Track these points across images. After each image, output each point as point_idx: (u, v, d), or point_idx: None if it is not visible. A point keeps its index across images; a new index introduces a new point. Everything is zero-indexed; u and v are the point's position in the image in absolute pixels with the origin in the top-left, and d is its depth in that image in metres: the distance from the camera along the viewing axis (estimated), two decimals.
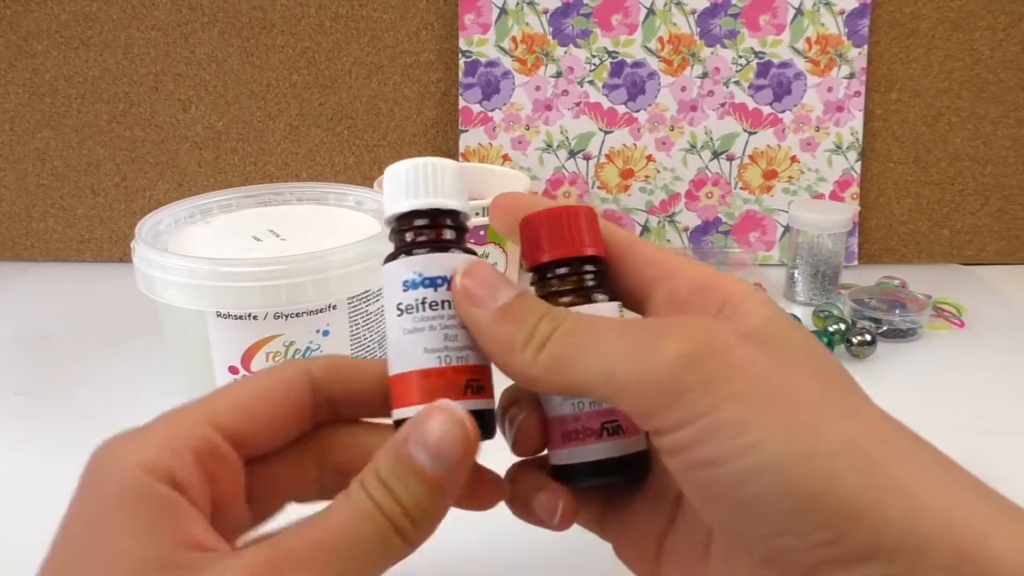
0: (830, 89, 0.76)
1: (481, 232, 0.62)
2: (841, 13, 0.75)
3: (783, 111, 0.77)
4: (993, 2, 0.75)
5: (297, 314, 0.48)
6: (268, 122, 0.78)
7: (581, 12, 0.76)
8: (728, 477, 0.22)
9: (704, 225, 0.79)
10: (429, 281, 0.27)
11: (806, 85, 0.76)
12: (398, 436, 0.24)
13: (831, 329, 0.62)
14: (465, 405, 0.25)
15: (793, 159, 0.78)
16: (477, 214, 0.62)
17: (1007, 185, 0.79)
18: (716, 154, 0.78)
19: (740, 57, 0.76)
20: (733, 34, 0.76)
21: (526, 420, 0.28)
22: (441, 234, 0.28)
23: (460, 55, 0.76)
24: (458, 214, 0.28)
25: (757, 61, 0.76)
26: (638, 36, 0.76)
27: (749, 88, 0.77)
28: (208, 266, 0.46)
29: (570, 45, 0.76)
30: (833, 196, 0.78)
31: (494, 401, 0.27)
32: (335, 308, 0.50)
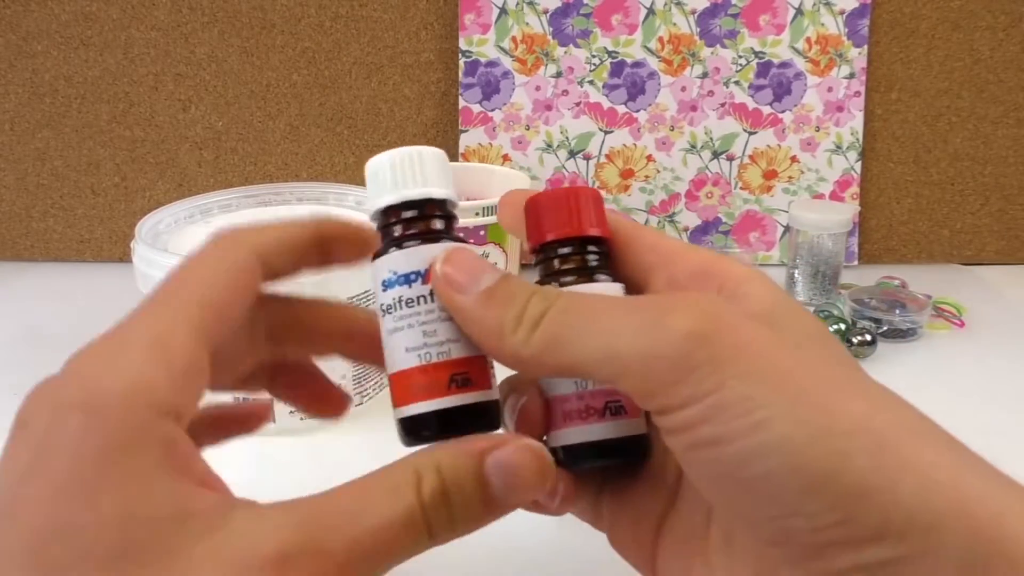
0: (830, 89, 0.76)
1: (481, 232, 0.62)
2: (841, 13, 0.75)
3: (783, 111, 0.77)
4: (993, 2, 0.75)
5: None
6: (268, 122, 0.78)
7: (581, 12, 0.76)
8: (735, 456, 0.21)
9: (704, 225, 0.79)
10: (403, 278, 0.25)
11: (806, 85, 0.76)
12: (475, 447, 0.23)
13: (831, 329, 0.62)
14: (450, 401, 0.24)
15: (793, 159, 0.78)
16: (477, 214, 0.61)
17: (1007, 185, 0.79)
18: (716, 154, 0.78)
19: (740, 57, 0.76)
20: (733, 34, 0.76)
21: (527, 404, 0.27)
22: (409, 228, 0.26)
23: (460, 55, 0.76)
24: (431, 203, 0.26)
25: (757, 61, 0.76)
26: (638, 36, 0.76)
27: (749, 88, 0.77)
28: None
29: (570, 45, 0.76)
30: (833, 196, 0.78)
31: (492, 392, 0.26)
32: None
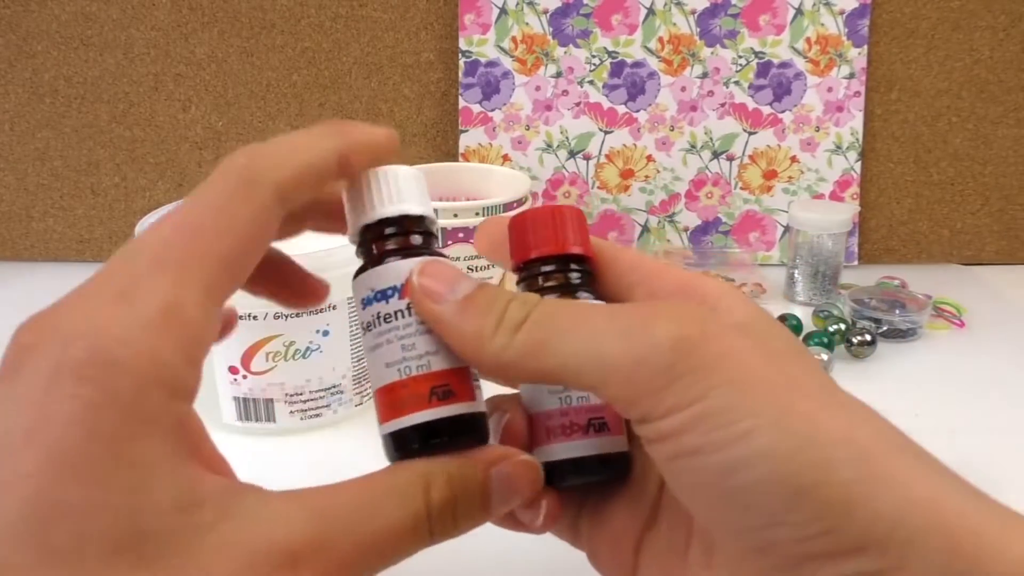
0: (830, 89, 0.76)
1: None
2: (841, 13, 0.75)
3: (783, 111, 0.77)
4: (993, 2, 0.75)
5: (297, 314, 0.48)
6: (268, 122, 0.78)
7: (581, 12, 0.76)
8: (719, 466, 0.21)
9: (704, 225, 0.79)
10: (380, 294, 0.25)
11: (806, 85, 0.76)
12: (481, 459, 0.24)
13: (831, 329, 0.62)
14: (432, 414, 0.24)
15: (793, 159, 0.78)
16: (477, 214, 0.62)
17: (1007, 185, 0.79)
18: (716, 154, 0.78)
19: (740, 57, 0.76)
20: (733, 34, 0.76)
21: (511, 421, 0.27)
22: (386, 245, 0.26)
23: (460, 55, 0.76)
24: (408, 219, 0.26)
25: (757, 61, 0.76)
26: (638, 36, 0.76)
27: (749, 88, 0.77)
28: None
29: (570, 45, 0.76)
30: (833, 196, 0.78)
31: (477, 404, 0.25)
32: (335, 308, 0.50)
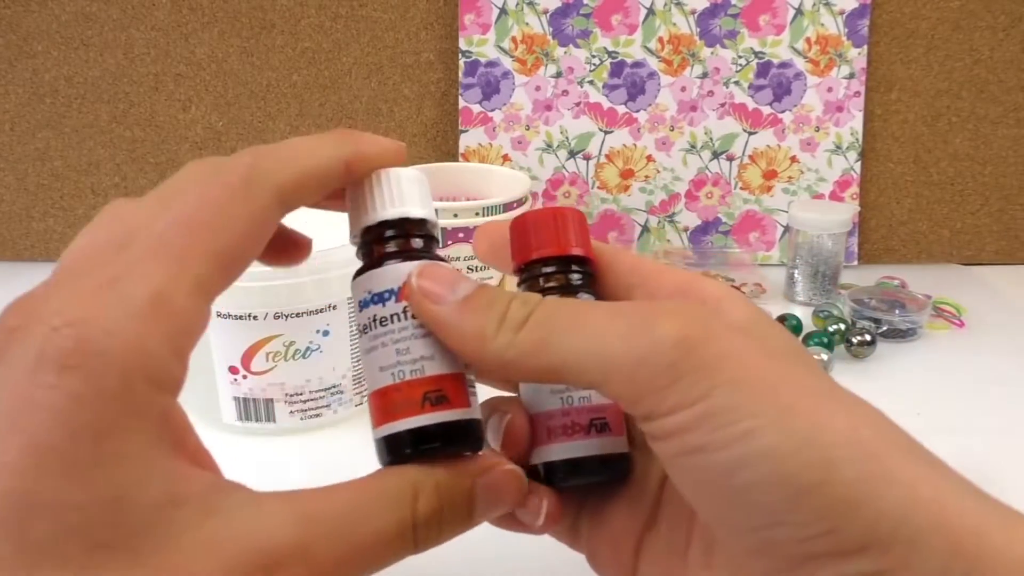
0: (830, 89, 0.76)
1: None
2: (841, 13, 0.75)
3: (783, 111, 0.77)
4: (993, 2, 0.75)
5: (297, 314, 0.48)
6: (268, 122, 0.78)
7: (581, 12, 0.76)
8: (722, 465, 0.21)
9: (704, 225, 0.79)
10: (377, 297, 0.25)
11: (806, 85, 0.76)
12: (469, 469, 0.24)
13: (831, 329, 0.62)
14: (425, 419, 0.24)
15: (793, 159, 0.78)
16: (477, 214, 0.62)
17: (1007, 185, 0.79)
18: (716, 154, 0.78)
19: (740, 57, 0.76)
20: (733, 34, 0.76)
21: (512, 421, 0.27)
22: (385, 247, 0.26)
23: (460, 55, 0.76)
24: (408, 222, 0.26)
25: (757, 61, 0.76)
26: (638, 36, 0.76)
27: (749, 88, 0.77)
28: None
29: (570, 45, 0.76)
30: (833, 196, 0.78)
31: (471, 411, 0.25)
32: (335, 308, 0.50)
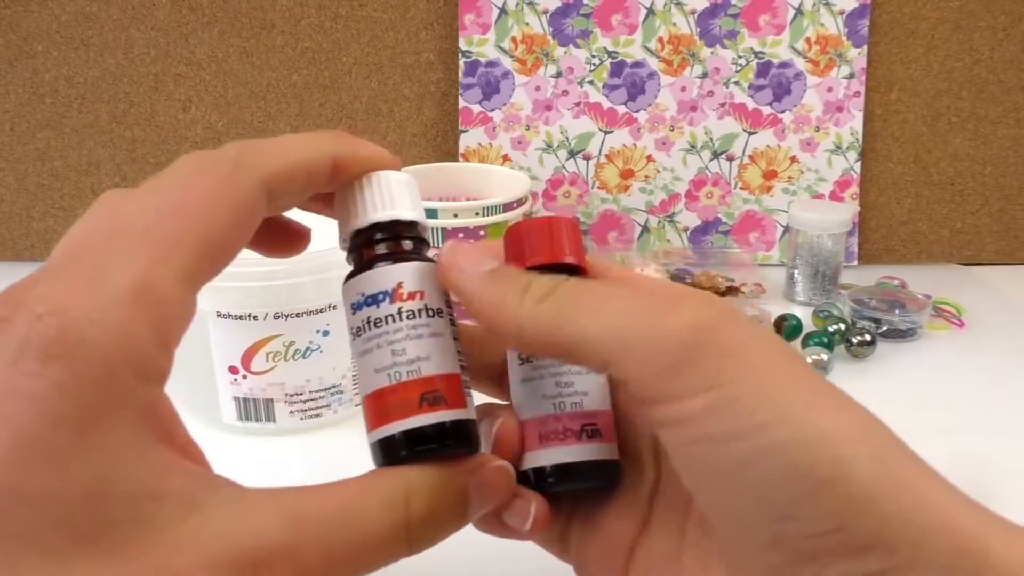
0: (830, 89, 0.76)
1: (481, 232, 0.62)
2: (841, 13, 0.75)
3: (783, 111, 0.77)
4: (993, 2, 0.75)
5: (297, 314, 0.48)
6: (268, 122, 0.78)
7: (581, 12, 0.76)
8: (736, 455, 0.21)
9: (704, 225, 0.79)
10: (371, 299, 0.25)
11: (806, 85, 0.76)
12: (463, 469, 0.24)
13: (831, 329, 0.62)
14: (422, 419, 0.24)
15: (793, 159, 0.78)
16: (477, 214, 0.62)
17: (1007, 185, 0.79)
18: (716, 154, 0.78)
19: (740, 57, 0.76)
20: (733, 34, 0.76)
21: (504, 425, 0.27)
22: (377, 250, 0.26)
23: (460, 55, 0.76)
24: (399, 224, 0.26)
25: (757, 61, 0.76)
26: (638, 36, 0.76)
27: (749, 88, 0.77)
28: None
29: (570, 45, 0.76)
30: (833, 196, 0.78)
31: (468, 411, 0.25)
32: (335, 308, 0.50)
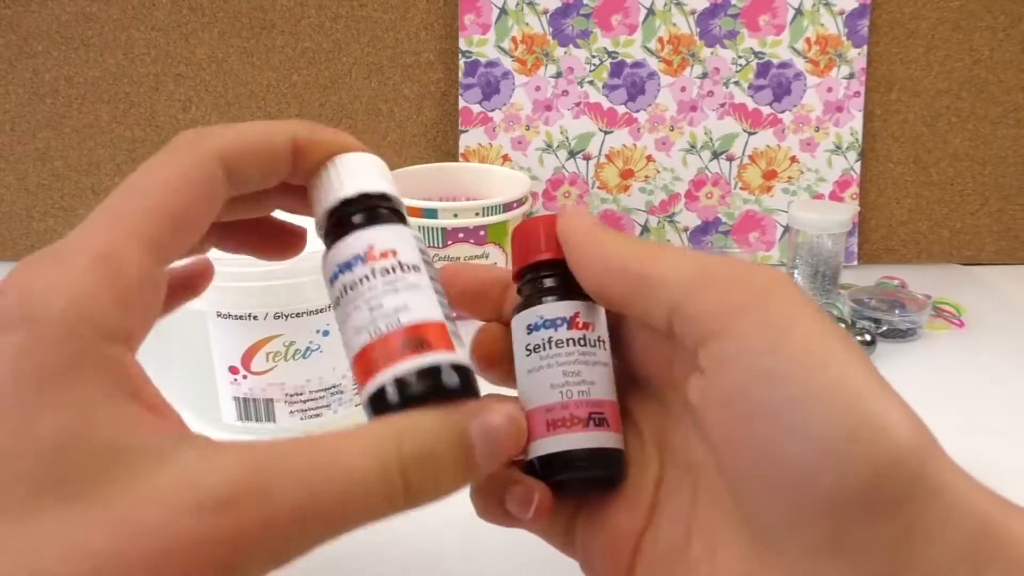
0: (830, 89, 0.76)
1: (481, 232, 0.62)
2: (841, 13, 0.75)
3: (783, 111, 0.77)
4: (993, 2, 0.75)
5: (297, 314, 0.48)
6: None
7: (581, 12, 0.76)
8: (786, 392, 0.21)
9: (704, 225, 0.79)
10: (344, 266, 0.26)
11: (806, 85, 0.76)
12: (461, 411, 0.23)
13: None
14: (407, 365, 0.24)
15: (793, 159, 0.78)
16: (477, 214, 0.62)
17: (1007, 185, 0.79)
18: (716, 154, 0.78)
19: (740, 57, 0.76)
20: (733, 34, 0.76)
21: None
22: (345, 220, 0.27)
23: (460, 55, 0.76)
24: (367, 197, 0.27)
25: (757, 61, 0.76)
26: (638, 36, 0.76)
27: (749, 88, 0.77)
28: None
29: (570, 45, 0.76)
30: (833, 196, 0.78)
31: (455, 354, 0.24)
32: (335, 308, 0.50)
